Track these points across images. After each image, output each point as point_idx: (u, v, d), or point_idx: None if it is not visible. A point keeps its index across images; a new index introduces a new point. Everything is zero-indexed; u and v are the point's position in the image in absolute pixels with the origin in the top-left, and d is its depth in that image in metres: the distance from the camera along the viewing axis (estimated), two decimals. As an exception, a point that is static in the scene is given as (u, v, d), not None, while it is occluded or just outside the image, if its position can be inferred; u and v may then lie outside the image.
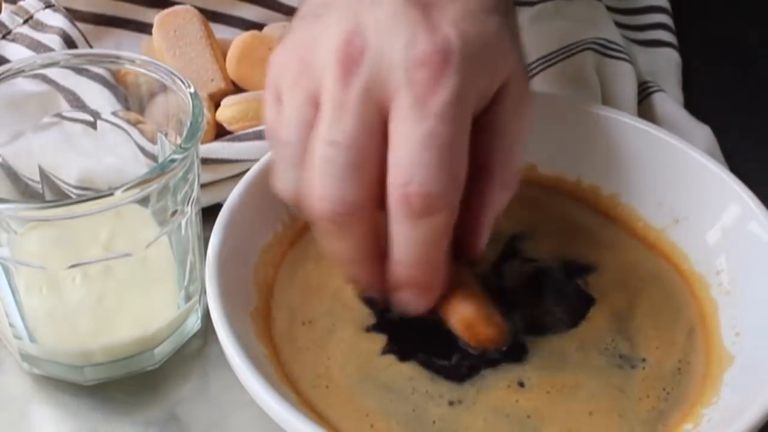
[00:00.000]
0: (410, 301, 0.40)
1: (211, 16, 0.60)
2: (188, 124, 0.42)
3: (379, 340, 0.42)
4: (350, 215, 0.38)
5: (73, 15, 0.58)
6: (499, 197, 0.41)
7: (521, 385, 0.40)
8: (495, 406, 0.39)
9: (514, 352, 0.41)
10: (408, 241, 0.38)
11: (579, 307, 0.43)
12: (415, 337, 0.42)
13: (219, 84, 0.55)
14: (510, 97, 0.40)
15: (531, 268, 0.45)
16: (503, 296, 0.43)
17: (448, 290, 0.41)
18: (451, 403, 0.39)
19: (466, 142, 0.37)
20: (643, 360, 0.41)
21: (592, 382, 0.40)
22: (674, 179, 0.47)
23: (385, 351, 0.41)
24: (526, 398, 0.40)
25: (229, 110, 0.53)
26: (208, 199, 0.50)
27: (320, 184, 0.38)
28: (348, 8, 0.38)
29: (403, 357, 0.41)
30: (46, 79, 0.46)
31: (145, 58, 0.45)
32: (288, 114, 0.39)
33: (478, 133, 0.39)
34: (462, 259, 0.42)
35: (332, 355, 0.41)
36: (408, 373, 0.40)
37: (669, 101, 0.56)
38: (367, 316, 0.43)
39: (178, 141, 0.43)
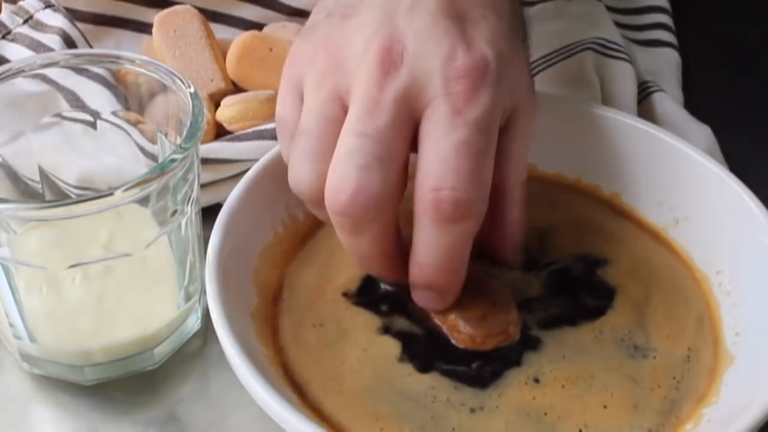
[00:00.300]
0: (425, 301, 0.41)
1: (211, 16, 0.60)
2: (188, 124, 0.42)
3: (393, 346, 0.41)
4: (368, 210, 0.38)
5: (73, 15, 0.58)
6: (514, 212, 0.42)
7: (536, 381, 0.40)
8: (515, 407, 0.39)
9: (528, 346, 0.42)
10: (433, 245, 0.38)
11: (598, 300, 0.44)
12: (430, 344, 0.42)
13: (219, 84, 0.55)
14: (522, 117, 0.41)
15: (547, 264, 0.45)
16: (522, 294, 0.44)
17: None
18: (472, 410, 0.39)
19: (493, 153, 0.39)
20: (655, 349, 0.41)
21: (604, 373, 0.40)
22: (674, 179, 0.47)
23: (403, 359, 0.41)
24: (542, 394, 0.40)
25: (229, 110, 0.53)
26: (208, 199, 0.50)
27: (342, 176, 0.38)
28: (383, 12, 0.39)
29: (423, 368, 0.41)
30: (46, 79, 0.46)
31: (145, 58, 0.45)
32: (311, 106, 0.39)
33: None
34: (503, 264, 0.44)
35: (347, 360, 0.41)
36: (429, 382, 0.40)
37: (669, 101, 0.56)
38: (376, 320, 0.42)
39: (178, 141, 0.43)
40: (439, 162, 0.37)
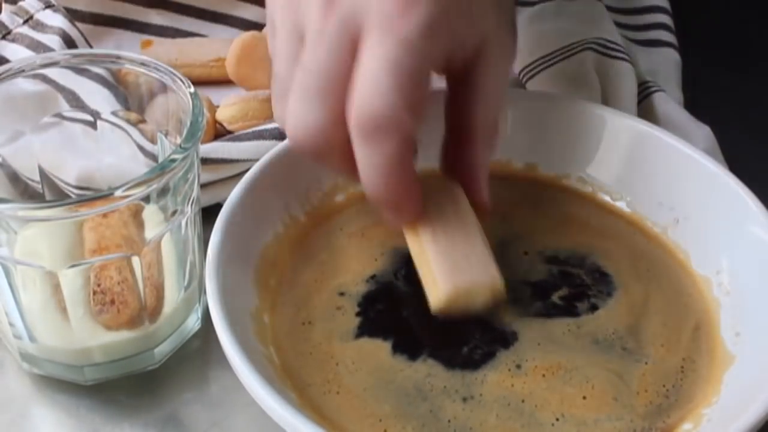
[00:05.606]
0: (387, 218, 0.41)
1: (211, 16, 0.60)
2: (188, 123, 0.42)
3: (383, 342, 0.42)
4: (315, 139, 0.38)
5: (73, 15, 0.58)
6: (481, 152, 0.42)
7: (519, 367, 0.40)
8: (496, 395, 0.39)
9: (517, 334, 0.42)
10: (365, 164, 0.38)
11: (596, 297, 0.44)
12: (421, 336, 0.42)
13: None
14: (490, 53, 0.40)
15: (545, 261, 0.45)
16: (521, 289, 0.44)
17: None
18: (464, 399, 0.39)
19: (428, 74, 0.38)
20: (647, 356, 0.41)
21: (588, 366, 0.40)
22: (674, 179, 0.47)
23: (396, 352, 0.41)
24: (522, 382, 0.40)
25: (229, 110, 0.53)
26: (208, 199, 0.50)
27: (291, 109, 0.39)
28: None
29: (415, 355, 0.41)
30: (46, 79, 0.46)
31: (145, 58, 0.45)
32: (278, 47, 0.40)
33: (460, 91, 0.40)
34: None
35: (340, 361, 0.41)
36: (425, 370, 0.41)
37: (669, 101, 0.56)
38: (365, 319, 0.43)
39: (178, 141, 0.43)
40: (363, 81, 0.37)
